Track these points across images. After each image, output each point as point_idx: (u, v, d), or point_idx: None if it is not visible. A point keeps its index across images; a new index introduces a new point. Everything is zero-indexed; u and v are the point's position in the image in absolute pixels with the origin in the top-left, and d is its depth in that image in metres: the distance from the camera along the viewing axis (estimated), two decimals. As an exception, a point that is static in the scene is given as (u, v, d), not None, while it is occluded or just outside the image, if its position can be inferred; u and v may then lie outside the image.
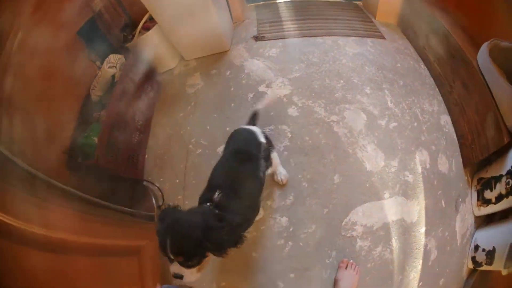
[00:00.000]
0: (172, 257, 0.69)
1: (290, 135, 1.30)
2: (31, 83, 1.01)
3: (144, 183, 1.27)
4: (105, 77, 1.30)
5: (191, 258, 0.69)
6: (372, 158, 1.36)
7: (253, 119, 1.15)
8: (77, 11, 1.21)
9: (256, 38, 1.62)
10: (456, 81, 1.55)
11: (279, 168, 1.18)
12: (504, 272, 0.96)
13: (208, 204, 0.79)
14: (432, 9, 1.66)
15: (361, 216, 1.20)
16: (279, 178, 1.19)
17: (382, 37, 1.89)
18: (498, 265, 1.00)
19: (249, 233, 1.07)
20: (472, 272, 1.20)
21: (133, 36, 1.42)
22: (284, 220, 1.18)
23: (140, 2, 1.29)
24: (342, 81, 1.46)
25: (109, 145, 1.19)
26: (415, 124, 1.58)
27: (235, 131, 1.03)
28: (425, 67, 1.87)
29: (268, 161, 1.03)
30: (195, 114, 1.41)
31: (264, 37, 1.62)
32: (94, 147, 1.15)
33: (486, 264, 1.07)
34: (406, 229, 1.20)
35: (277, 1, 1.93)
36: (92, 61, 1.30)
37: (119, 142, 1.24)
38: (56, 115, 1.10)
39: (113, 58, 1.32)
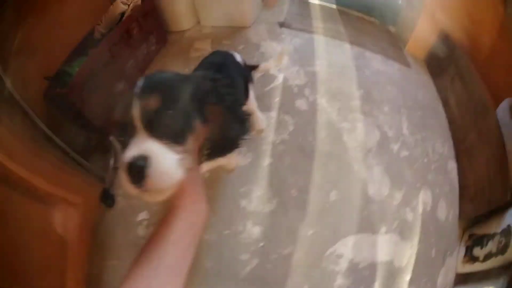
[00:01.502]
0: (138, 104, 0.39)
1: (292, 128, 1.10)
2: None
3: (110, 138, 1.10)
4: (113, 12, 1.16)
5: (173, 106, 0.39)
6: (377, 183, 1.19)
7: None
8: None
9: (282, 25, 1.48)
10: (472, 130, 1.49)
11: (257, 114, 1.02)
12: None
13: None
14: (465, 54, 1.59)
15: (350, 249, 1.03)
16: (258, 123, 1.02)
17: (409, 66, 1.80)
18: None
19: (207, 235, 0.92)
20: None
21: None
22: (256, 230, 0.96)
23: None
24: (362, 91, 1.32)
25: (87, 82, 1.07)
26: (425, 160, 1.44)
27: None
28: (442, 109, 1.79)
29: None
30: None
31: (291, 25, 1.48)
32: (72, 76, 1.03)
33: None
34: (392, 273, 1.06)
35: (311, 1, 1.82)
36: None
37: (98, 83, 1.10)
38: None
39: (130, -5, 1.22)
